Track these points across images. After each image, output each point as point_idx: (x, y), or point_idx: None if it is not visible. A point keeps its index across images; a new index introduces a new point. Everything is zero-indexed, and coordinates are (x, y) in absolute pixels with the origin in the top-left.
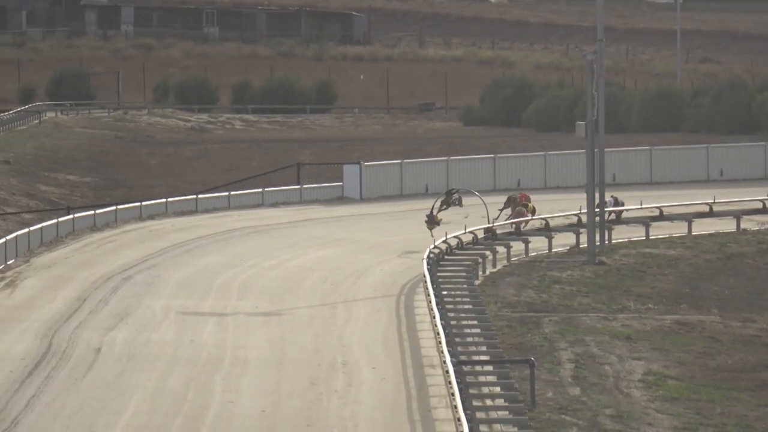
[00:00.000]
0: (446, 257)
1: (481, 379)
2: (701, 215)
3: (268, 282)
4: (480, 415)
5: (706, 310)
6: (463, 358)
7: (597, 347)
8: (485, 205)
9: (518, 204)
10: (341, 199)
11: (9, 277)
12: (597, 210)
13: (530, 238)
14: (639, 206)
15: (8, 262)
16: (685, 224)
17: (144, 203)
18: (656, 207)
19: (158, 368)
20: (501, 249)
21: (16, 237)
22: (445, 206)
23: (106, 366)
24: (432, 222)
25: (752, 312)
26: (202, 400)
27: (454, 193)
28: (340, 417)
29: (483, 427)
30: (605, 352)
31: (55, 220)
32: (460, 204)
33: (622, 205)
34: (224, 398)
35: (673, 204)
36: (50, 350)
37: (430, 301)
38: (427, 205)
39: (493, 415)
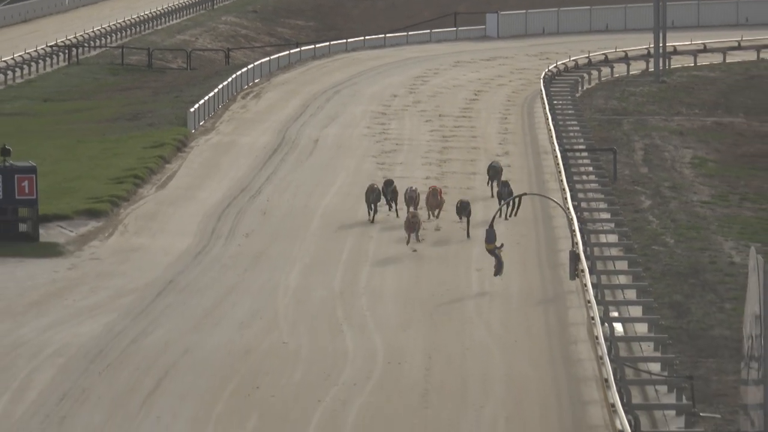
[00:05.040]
0: (556, 77)
1: (579, 161)
2: (732, 48)
3: (434, 90)
4: (578, 186)
5: (736, 114)
6: (567, 146)
7: (659, 140)
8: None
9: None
10: (484, 37)
11: (255, 91)
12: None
13: (614, 65)
14: (689, 42)
15: (255, 81)
16: (721, 55)
17: (349, 40)
18: (701, 43)
19: (357, 154)
20: (594, 72)
21: (260, 63)
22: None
23: (322, 153)
24: (492, 239)
25: None
26: (388, 175)
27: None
28: (469, 187)
29: (580, 195)
30: (665, 143)
31: (287, 52)
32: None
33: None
34: (403, 174)
35: (713, 41)
36: (283, 141)
37: (545, 107)
38: (544, 42)
39: (588, 186)
